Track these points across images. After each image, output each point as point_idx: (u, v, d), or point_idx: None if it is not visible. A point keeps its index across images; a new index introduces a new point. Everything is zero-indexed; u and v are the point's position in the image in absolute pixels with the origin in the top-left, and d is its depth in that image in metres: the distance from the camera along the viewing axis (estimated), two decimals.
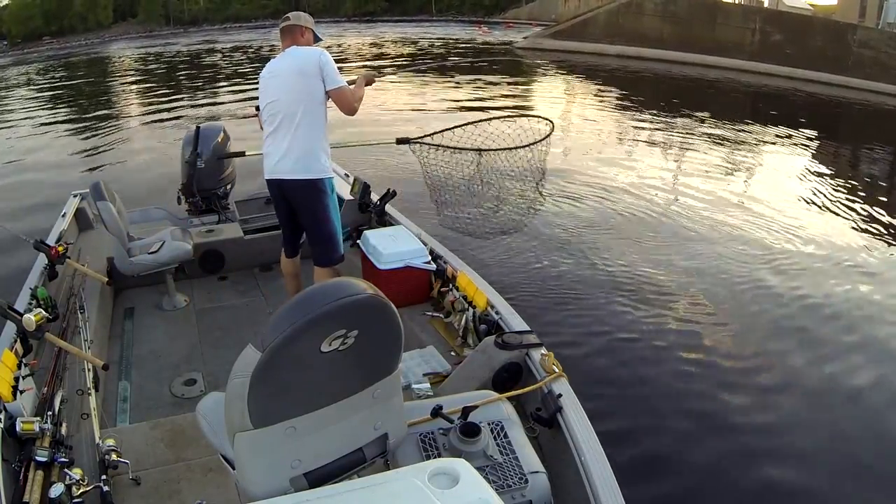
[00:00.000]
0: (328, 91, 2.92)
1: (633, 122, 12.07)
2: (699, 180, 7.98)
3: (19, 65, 31.29)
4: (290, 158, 2.94)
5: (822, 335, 4.19)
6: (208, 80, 19.03)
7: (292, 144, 2.93)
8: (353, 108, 2.98)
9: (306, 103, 2.91)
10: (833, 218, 6.68)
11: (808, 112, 14.16)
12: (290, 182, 2.99)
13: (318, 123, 2.96)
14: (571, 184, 7.42)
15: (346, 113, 3.00)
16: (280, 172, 2.98)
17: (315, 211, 3.07)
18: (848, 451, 3.11)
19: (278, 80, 2.99)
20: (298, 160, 2.94)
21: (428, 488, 0.98)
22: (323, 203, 3.05)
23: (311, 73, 2.90)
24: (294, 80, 2.93)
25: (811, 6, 27.09)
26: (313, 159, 2.95)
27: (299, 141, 2.93)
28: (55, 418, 2.16)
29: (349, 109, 2.98)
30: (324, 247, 3.13)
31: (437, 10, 54.05)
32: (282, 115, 2.94)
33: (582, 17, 25.38)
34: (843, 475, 2.95)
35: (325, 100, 2.96)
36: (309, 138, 2.94)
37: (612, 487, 1.78)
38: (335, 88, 2.92)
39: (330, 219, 3.10)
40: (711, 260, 5.34)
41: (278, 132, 2.96)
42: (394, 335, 1.42)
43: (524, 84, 17.81)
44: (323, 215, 3.07)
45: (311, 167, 2.96)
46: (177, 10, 57.29)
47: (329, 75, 2.91)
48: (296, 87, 2.92)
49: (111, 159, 9.49)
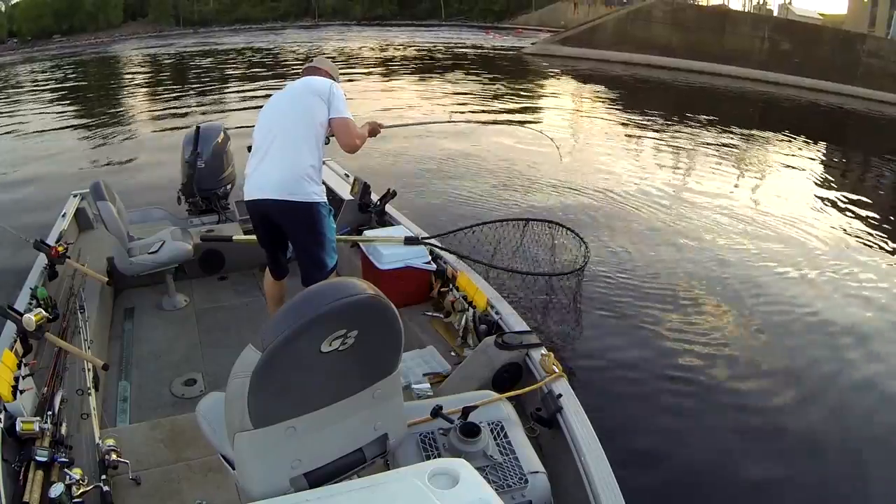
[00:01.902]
0: (331, 119, 2.78)
1: (639, 129, 12.04)
2: (702, 186, 7.98)
3: (28, 63, 31.24)
4: (277, 178, 2.73)
5: (825, 340, 4.18)
6: (214, 81, 18.97)
7: (282, 163, 2.74)
8: (354, 143, 2.81)
9: (306, 122, 2.76)
10: (841, 229, 6.61)
11: (817, 121, 14.11)
12: (275, 203, 2.75)
13: (316, 144, 2.79)
14: (573, 184, 7.44)
15: (345, 147, 2.83)
16: (264, 192, 2.76)
17: (299, 236, 2.90)
18: (852, 454, 3.12)
19: (281, 99, 2.90)
20: (286, 180, 2.72)
21: (428, 488, 0.98)
22: (311, 230, 2.84)
23: (318, 94, 2.79)
24: (297, 99, 2.84)
25: (820, 15, 26.98)
26: (303, 181, 2.73)
27: (292, 160, 2.74)
28: (55, 418, 2.16)
29: (349, 143, 2.81)
30: (305, 269, 2.95)
31: (446, 15, 54.10)
32: (273, 131, 2.79)
33: (591, 23, 25.37)
34: (851, 479, 2.95)
35: (327, 127, 2.81)
36: (303, 158, 2.75)
37: (612, 487, 1.78)
38: (339, 117, 2.78)
39: (315, 245, 2.88)
40: (713, 262, 5.35)
41: (268, 148, 2.77)
42: (394, 335, 1.42)
43: (532, 90, 17.77)
44: (305, 242, 2.89)
45: (300, 189, 2.73)
46: (187, 10, 57.34)
47: (335, 103, 2.79)
48: (297, 105, 2.82)
49: (112, 159, 9.48)
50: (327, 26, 51.51)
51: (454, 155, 8.79)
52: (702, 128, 12.04)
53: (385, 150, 8.42)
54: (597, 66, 21.65)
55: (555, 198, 6.98)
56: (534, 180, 7.66)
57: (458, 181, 7.63)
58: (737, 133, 11.70)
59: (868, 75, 17.07)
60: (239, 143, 4.64)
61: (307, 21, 56.98)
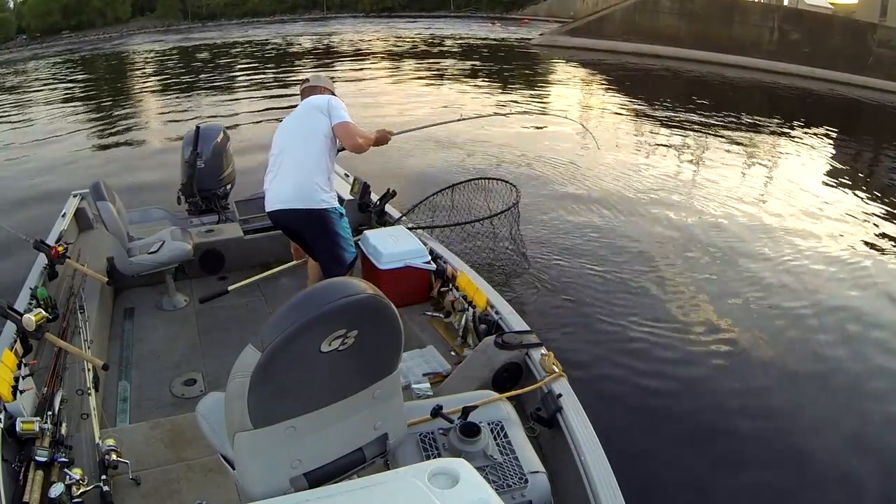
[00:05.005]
0: (333, 126, 3.04)
1: (646, 120, 11.98)
2: (708, 180, 7.91)
3: (35, 60, 31.20)
4: (289, 189, 3.02)
5: (829, 338, 4.16)
6: (219, 78, 18.87)
7: (292, 175, 3.02)
8: (358, 143, 3.06)
9: (309, 136, 3.04)
10: (850, 222, 6.58)
11: (826, 111, 14.00)
12: (289, 212, 3.05)
13: (321, 155, 3.04)
14: (576, 184, 7.42)
15: (350, 148, 3.09)
16: (279, 203, 3.06)
17: (315, 239, 3.17)
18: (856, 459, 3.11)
19: (288, 121, 3.18)
20: (297, 190, 3.01)
21: (428, 488, 0.98)
22: (324, 232, 3.11)
23: (317, 109, 3.08)
24: (301, 118, 3.12)
25: (832, 4, 26.70)
26: (313, 190, 3.01)
27: (300, 172, 3.02)
28: (55, 418, 2.16)
29: (353, 144, 3.06)
30: (326, 265, 3.24)
31: (454, 6, 54.12)
32: (283, 147, 3.08)
33: (598, 14, 25.15)
34: (854, 478, 2.95)
35: (332, 135, 3.07)
36: (310, 169, 3.01)
37: (612, 487, 1.78)
38: (340, 122, 3.03)
39: (331, 245, 3.14)
40: (714, 260, 5.32)
41: (280, 164, 3.06)
42: (394, 335, 1.42)
43: (540, 82, 17.74)
44: (322, 244, 3.16)
45: (310, 198, 3.01)
46: (194, 4, 57.39)
47: (334, 112, 3.05)
48: (300, 123, 3.11)
49: (112, 159, 9.49)
50: (335, 19, 51.56)
51: (460, 152, 8.79)
52: (709, 118, 11.95)
53: (385, 149, 8.39)
54: (604, 56, 21.57)
55: (550, 189, 6.99)
56: (567, 174, 7.73)
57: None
58: (744, 124, 11.63)
59: (879, 65, 16.93)
60: (239, 142, 4.64)
61: (315, 14, 57.09)
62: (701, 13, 21.47)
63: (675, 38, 21.47)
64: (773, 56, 19.17)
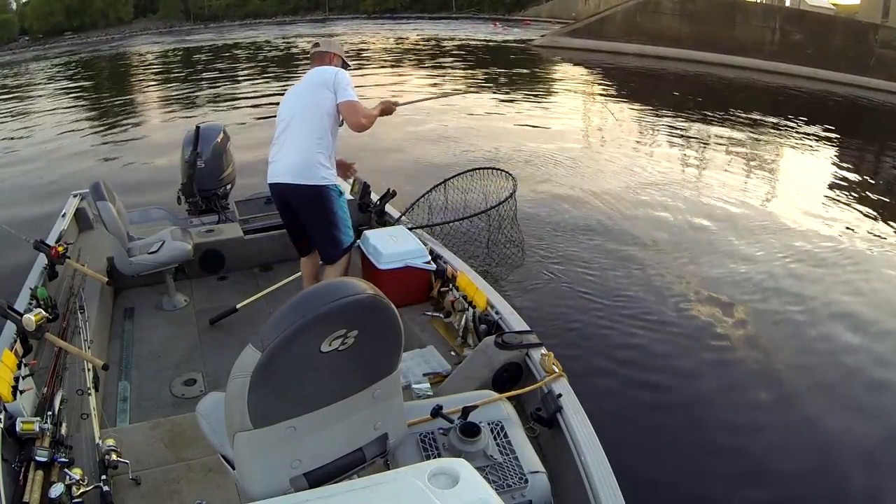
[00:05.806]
0: (339, 104, 3.03)
1: (647, 120, 11.97)
2: (710, 181, 7.92)
3: (36, 61, 31.19)
4: (290, 164, 3.04)
5: (831, 338, 4.15)
6: (221, 78, 18.88)
7: (295, 150, 3.04)
8: (360, 122, 3.04)
9: (314, 112, 3.03)
10: (853, 220, 6.59)
11: (828, 112, 13.97)
12: (289, 187, 3.07)
13: (324, 133, 3.04)
14: (576, 183, 7.42)
15: (353, 126, 3.07)
16: (280, 176, 3.07)
17: (313, 216, 3.17)
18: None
19: (294, 92, 3.17)
20: (298, 166, 3.02)
21: (428, 488, 0.98)
22: (322, 209, 3.12)
23: (324, 86, 3.06)
24: (307, 92, 3.10)
25: (834, 5, 26.68)
26: (314, 166, 3.02)
27: (302, 147, 3.03)
28: (55, 418, 2.16)
29: (356, 122, 3.04)
30: (322, 248, 3.29)
31: (456, 7, 54.17)
32: (287, 122, 3.07)
33: (599, 15, 25.19)
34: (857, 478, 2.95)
35: (336, 113, 3.06)
36: (312, 146, 3.02)
37: (612, 487, 1.78)
38: (345, 101, 3.02)
39: (328, 225, 3.16)
40: (715, 260, 5.32)
41: (284, 138, 3.08)
42: (394, 335, 1.42)
43: (541, 84, 17.72)
44: (320, 222, 3.16)
45: (311, 174, 3.03)
46: (197, 5, 57.46)
47: (340, 89, 3.03)
48: (306, 97, 3.08)
49: (113, 158, 9.48)
50: (337, 20, 51.57)
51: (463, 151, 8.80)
52: (711, 119, 11.94)
53: (385, 149, 8.43)
54: (606, 58, 21.56)
55: (551, 188, 6.98)
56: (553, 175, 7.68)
57: None
58: (745, 125, 11.61)
59: (881, 66, 16.93)
60: (239, 143, 4.65)
61: (318, 15, 57.16)
62: (702, 14, 21.49)
63: (676, 39, 21.48)
64: (774, 57, 19.18)
